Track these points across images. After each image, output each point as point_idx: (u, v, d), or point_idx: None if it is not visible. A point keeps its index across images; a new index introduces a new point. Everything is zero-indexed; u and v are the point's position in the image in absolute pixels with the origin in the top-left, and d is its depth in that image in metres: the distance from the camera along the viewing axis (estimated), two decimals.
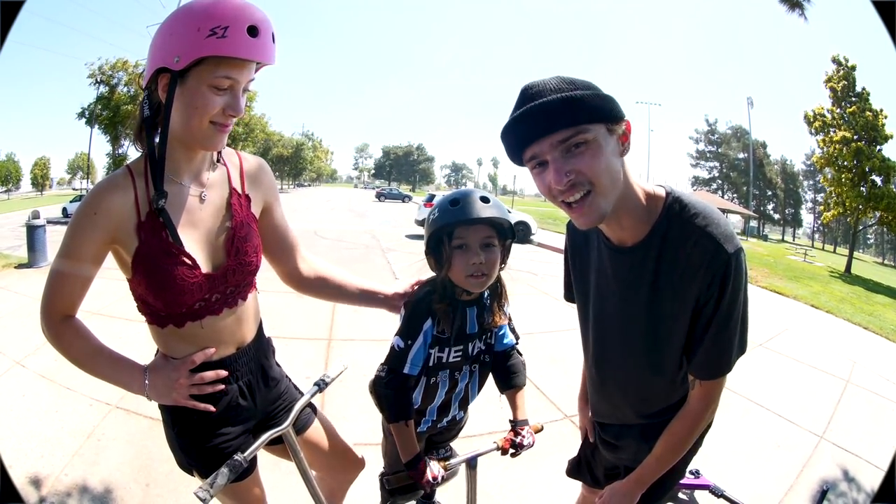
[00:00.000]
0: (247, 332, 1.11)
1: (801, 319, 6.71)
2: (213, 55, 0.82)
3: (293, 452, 1.14)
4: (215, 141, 0.93)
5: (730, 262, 0.83)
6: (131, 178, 0.93)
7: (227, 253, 1.01)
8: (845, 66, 19.33)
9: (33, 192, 58.23)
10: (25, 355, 3.35)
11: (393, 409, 1.17)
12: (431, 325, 1.18)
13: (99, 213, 0.90)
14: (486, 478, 1.60)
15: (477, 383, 1.34)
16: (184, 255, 0.95)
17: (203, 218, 1.00)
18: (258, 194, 1.11)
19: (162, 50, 0.85)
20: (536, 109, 0.79)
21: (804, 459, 2.72)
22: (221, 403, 1.06)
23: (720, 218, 0.86)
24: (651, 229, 0.89)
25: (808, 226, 60.73)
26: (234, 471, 0.95)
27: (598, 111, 0.80)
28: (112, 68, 31.82)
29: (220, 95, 0.87)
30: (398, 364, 1.17)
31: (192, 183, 0.99)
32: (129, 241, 0.92)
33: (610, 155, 0.81)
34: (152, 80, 0.89)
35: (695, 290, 0.85)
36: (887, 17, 1.55)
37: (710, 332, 0.88)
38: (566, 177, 0.80)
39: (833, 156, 18.48)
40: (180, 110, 0.88)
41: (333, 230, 13.54)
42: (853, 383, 4.10)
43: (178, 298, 0.95)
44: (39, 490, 2.02)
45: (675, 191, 0.90)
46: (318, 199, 34.84)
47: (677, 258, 0.86)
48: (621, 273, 0.95)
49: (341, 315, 4.72)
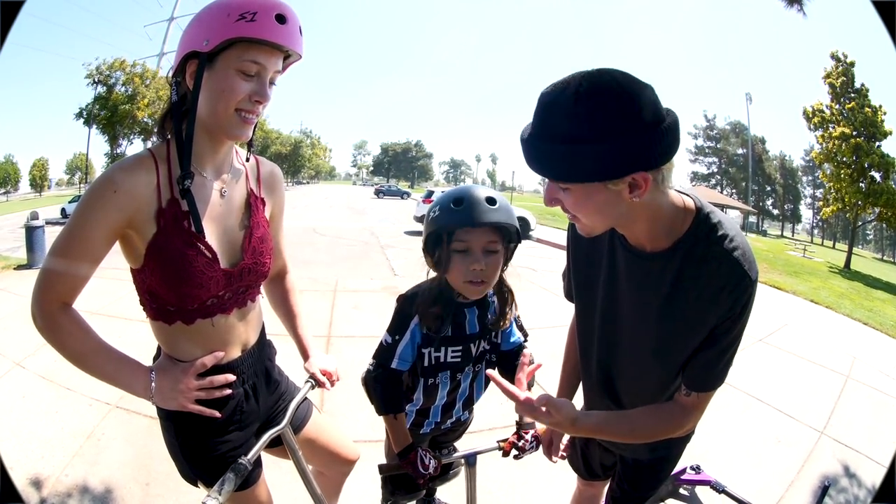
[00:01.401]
0: (252, 334, 1.10)
1: (800, 315, 6.72)
2: (242, 37, 0.83)
3: (291, 451, 1.12)
4: (240, 130, 0.91)
5: (752, 288, 0.82)
6: (154, 161, 0.89)
7: (244, 251, 0.99)
8: (844, 63, 19.35)
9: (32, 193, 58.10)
10: (25, 356, 3.35)
11: (381, 401, 1.18)
12: (418, 324, 1.16)
13: (120, 191, 0.84)
14: (487, 475, 1.60)
15: (482, 383, 1.32)
16: (206, 246, 0.92)
17: (223, 213, 0.97)
18: (271, 200, 1.10)
19: (191, 37, 0.86)
20: (528, 151, 0.76)
21: (805, 455, 2.72)
22: (228, 408, 1.02)
23: (746, 243, 0.84)
24: (676, 242, 0.85)
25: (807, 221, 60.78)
26: (240, 475, 0.91)
27: (583, 173, 0.72)
28: (110, 68, 31.78)
29: (247, 81, 0.87)
30: (385, 359, 1.18)
31: (215, 178, 0.97)
32: (147, 228, 0.88)
33: (599, 204, 0.76)
34: (180, 69, 0.89)
35: (714, 312, 0.83)
36: (887, 17, 1.55)
37: (715, 348, 0.87)
38: (551, 203, 0.80)
39: (832, 152, 18.50)
40: (207, 95, 0.87)
41: (332, 227, 13.53)
42: (853, 379, 4.10)
43: (193, 292, 0.91)
44: (40, 491, 2.02)
45: (705, 206, 0.86)
46: (317, 196, 34.71)
47: (699, 276, 0.84)
48: (636, 277, 0.92)
49: (340, 312, 4.70)
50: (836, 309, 7.51)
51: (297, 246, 9.15)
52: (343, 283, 6.01)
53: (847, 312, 7.31)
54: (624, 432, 0.95)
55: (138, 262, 0.91)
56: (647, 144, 0.70)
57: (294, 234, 11.06)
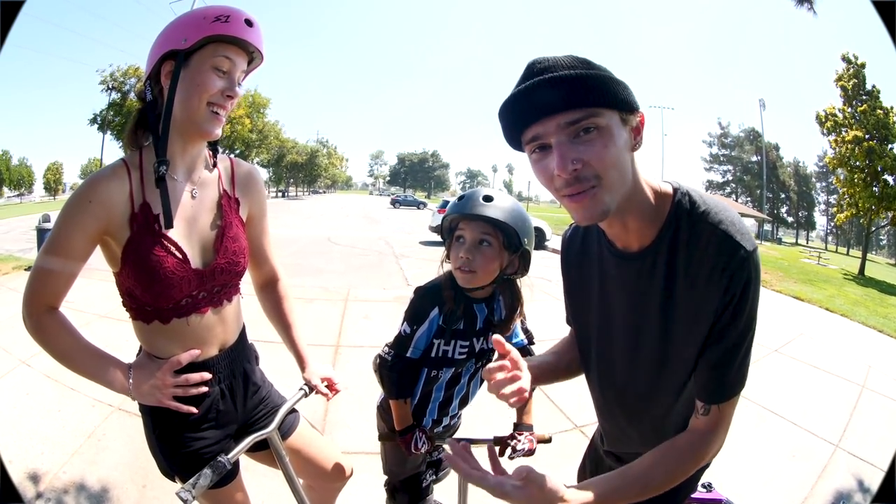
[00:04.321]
0: (230, 335, 1.12)
1: (815, 324, 6.58)
2: (218, 34, 0.93)
3: (279, 457, 1.13)
4: (211, 125, 0.97)
5: (749, 261, 0.72)
6: (126, 169, 0.95)
7: (215, 251, 1.03)
8: (855, 64, 19.02)
9: (46, 196, 59.32)
10: (32, 355, 3.37)
11: (395, 387, 1.27)
12: (438, 315, 1.23)
13: (94, 201, 0.91)
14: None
15: (479, 381, 1.35)
16: (174, 247, 0.96)
17: (194, 214, 1.01)
18: (246, 200, 1.13)
19: (168, 38, 0.94)
20: (545, 83, 0.68)
21: (819, 470, 2.64)
22: (203, 405, 1.05)
23: (734, 214, 0.76)
24: (659, 232, 0.78)
25: (821, 228, 59.86)
26: (217, 472, 0.94)
27: (614, 96, 0.70)
28: (124, 75, 32.39)
29: (219, 77, 0.95)
30: (402, 348, 1.25)
31: (186, 179, 1.02)
32: (121, 233, 0.94)
33: (622, 147, 0.71)
34: (154, 71, 0.96)
35: (713, 296, 0.74)
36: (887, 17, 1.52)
37: (722, 345, 0.76)
38: (572, 164, 0.68)
39: (845, 156, 18.15)
40: (183, 92, 0.94)
41: (347, 237, 13.53)
42: (869, 388, 3.99)
43: (166, 292, 0.95)
44: (37, 486, 2.03)
45: (683, 186, 0.80)
46: (333, 205, 35.01)
47: (690, 261, 0.76)
48: (629, 282, 0.85)
49: (350, 321, 4.70)
50: (851, 317, 7.35)
51: (311, 255, 9.17)
52: (355, 292, 5.96)
53: (862, 320, 7.16)
54: (636, 493, 0.78)
55: (117, 265, 0.97)
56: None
57: (308, 243, 11.12)
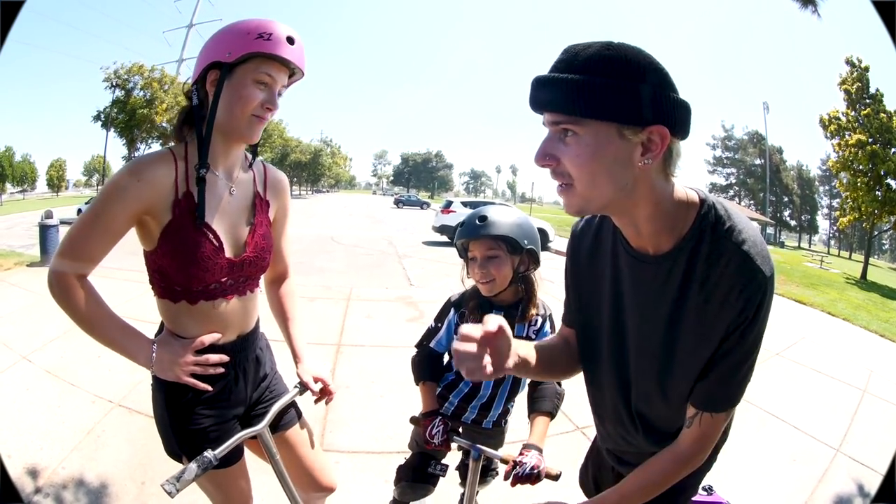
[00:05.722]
0: (249, 322, 1.18)
1: (817, 328, 6.57)
2: (260, 52, 0.98)
3: (269, 454, 1.15)
4: (253, 131, 1.04)
5: (766, 286, 0.72)
6: (174, 158, 1.02)
7: (246, 245, 1.10)
8: (859, 68, 18.95)
9: (49, 193, 59.48)
10: (32, 350, 3.39)
11: (417, 371, 1.44)
12: (454, 317, 1.41)
13: (143, 180, 0.96)
14: (491, 489, 1.57)
15: (505, 393, 1.42)
16: (213, 234, 1.03)
17: (230, 209, 1.09)
18: (275, 203, 1.21)
19: (214, 49, 0.99)
20: (540, 81, 0.69)
21: (819, 474, 2.63)
22: (218, 385, 1.11)
23: (757, 235, 0.75)
24: (679, 241, 0.76)
25: (823, 232, 59.65)
26: (202, 467, 0.96)
27: (605, 109, 0.65)
28: (128, 72, 32.48)
29: (260, 91, 1.01)
30: (427, 339, 1.46)
31: (226, 177, 1.09)
32: (163, 215, 0.99)
33: (608, 160, 0.67)
34: (201, 78, 1.02)
35: (726, 315, 0.74)
36: (887, 17, 1.51)
37: (728, 360, 0.77)
38: (542, 160, 0.71)
39: (848, 160, 18.07)
40: (226, 101, 1.00)
41: (350, 236, 13.52)
42: (870, 393, 3.99)
43: (199, 274, 1.02)
44: (36, 480, 2.03)
45: (710, 198, 0.78)
46: (336, 205, 34.92)
47: (708, 278, 0.75)
48: (642, 283, 0.83)
49: (352, 321, 4.69)
50: (853, 321, 7.34)
51: (314, 254, 9.16)
52: (357, 291, 5.96)
53: (864, 324, 7.15)
54: (646, 492, 0.85)
55: (152, 244, 1.02)
56: (673, 104, 0.66)
57: (311, 241, 11.07)
